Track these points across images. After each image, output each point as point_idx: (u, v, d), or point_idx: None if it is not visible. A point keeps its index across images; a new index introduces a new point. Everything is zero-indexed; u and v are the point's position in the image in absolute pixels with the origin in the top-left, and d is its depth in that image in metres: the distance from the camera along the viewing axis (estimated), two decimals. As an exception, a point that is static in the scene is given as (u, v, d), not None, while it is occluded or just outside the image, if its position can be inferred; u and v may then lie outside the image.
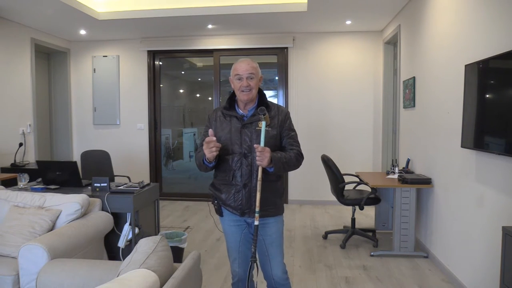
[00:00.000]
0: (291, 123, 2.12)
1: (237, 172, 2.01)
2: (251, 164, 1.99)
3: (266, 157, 1.87)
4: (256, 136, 1.98)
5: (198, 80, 7.19)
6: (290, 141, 2.07)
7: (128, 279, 1.40)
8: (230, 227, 2.12)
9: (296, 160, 2.04)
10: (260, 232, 2.06)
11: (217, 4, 4.75)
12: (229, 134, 2.02)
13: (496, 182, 2.48)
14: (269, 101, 2.11)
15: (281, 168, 1.97)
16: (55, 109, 6.24)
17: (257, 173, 1.95)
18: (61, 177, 3.23)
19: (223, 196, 2.07)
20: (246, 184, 2.00)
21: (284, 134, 2.07)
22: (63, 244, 2.32)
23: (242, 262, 2.15)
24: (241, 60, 2.05)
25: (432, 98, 3.60)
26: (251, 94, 2.01)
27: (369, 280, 3.17)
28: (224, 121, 2.06)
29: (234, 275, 2.19)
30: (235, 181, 2.02)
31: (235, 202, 2.03)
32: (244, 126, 2.02)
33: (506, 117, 2.26)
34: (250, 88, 2.00)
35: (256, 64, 2.05)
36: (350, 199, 3.94)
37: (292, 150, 2.05)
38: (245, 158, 2.00)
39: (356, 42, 5.71)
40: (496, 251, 2.36)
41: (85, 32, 5.63)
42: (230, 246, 2.16)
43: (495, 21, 2.47)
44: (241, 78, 2.00)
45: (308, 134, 5.71)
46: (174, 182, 6.66)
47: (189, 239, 4.13)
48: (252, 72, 2.00)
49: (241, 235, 2.12)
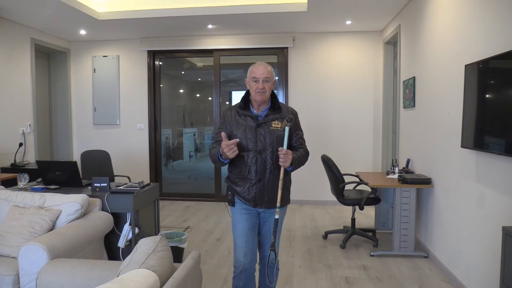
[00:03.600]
0: (299, 123, 2.34)
1: (252, 168, 2.18)
2: (265, 160, 2.17)
3: (289, 159, 2.07)
4: (270, 135, 2.17)
5: (198, 80, 7.19)
6: (299, 140, 2.29)
7: (128, 279, 1.40)
8: (241, 214, 2.26)
9: (305, 158, 2.27)
10: (269, 219, 2.27)
11: (217, 4, 4.75)
12: (244, 132, 2.19)
13: (496, 182, 2.48)
14: (280, 103, 2.29)
15: (297, 167, 2.18)
16: (55, 109, 6.24)
17: (270, 168, 2.17)
18: (61, 177, 3.23)
19: (238, 189, 2.24)
20: (260, 179, 2.18)
21: (293, 133, 2.26)
22: (63, 244, 2.32)
23: (248, 251, 2.25)
24: (259, 63, 2.22)
25: (432, 98, 3.60)
26: (265, 96, 2.19)
27: (369, 280, 3.17)
28: (240, 120, 2.23)
29: (237, 265, 2.26)
30: (250, 176, 2.19)
31: (249, 195, 2.21)
32: (258, 125, 2.19)
33: (506, 117, 2.26)
34: (265, 91, 2.17)
35: (272, 68, 2.23)
36: (350, 199, 3.94)
37: (301, 149, 2.26)
38: (259, 155, 2.17)
39: (356, 42, 5.71)
40: (496, 251, 2.36)
41: (85, 32, 5.63)
42: (237, 234, 2.28)
43: (495, 21, 2.48)
44: (258, 80, 2.17)
45: (308, 134, 5.64)
46: (174, 182, 6.66)
47: (189, 239, 4.13)
48: (268, 76, 2.18)
49: (250, 223, 2.26)
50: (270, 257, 2.20)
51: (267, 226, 2.28)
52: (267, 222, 2.28)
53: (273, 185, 2.18)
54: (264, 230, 2.31)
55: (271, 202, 2.19)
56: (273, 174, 2.18)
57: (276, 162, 2.13)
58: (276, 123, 2.19)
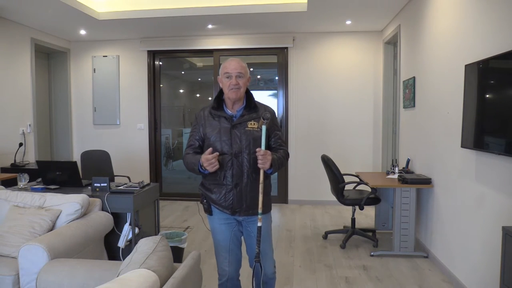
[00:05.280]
0: (278, 123, 2.21)
1: (228, 172, 2.03)
2: (242, 164, 2.03)
3: (269, 160, 1.94)
4: (246, 137, 2.03)
5: (198, 80, 7.19)
6: (278, 141, 2.15)
7: (128, 279, 1.40)
8: (220, 225, 2.13)
9: (286, 159, 2.13)
10: (251, 230, 2.12)
11: (217, 4, 4.75)
12: (218, 134, 2.05)
13: (496, 182, 2.48)
14: (256, 101, 2.15)
15: (277, 169, 2.04)
16: (55, 109, 6.24)
17: (248, 172, 2.03)
18: (61, 177, 3.23)
19: (213, 196, 2.09)
20: (237, 184, 2.04)
21: (271, 133, 2.12)
22: (63, 244, 2.31)
23: (232, 261, 2.15)
24: (230, 59, 2.09)
25: (432, 98, 3.60)
26: (239, 92, 2.04)
27: (369, 280, 3.17)
28: (213, 121, 2.08)
29: (222, 274, 2.17)
30: (226, 181, 2.04)
31: (226, 202, 2.06)
32: (233, 126, 2.05)
33: (506, 117, 2.26)
34: (239, 87, 2.03)
35: (245, 64, 2.10)
36: (350, 199, 3.94)
37: (281, 150, 2.13)
38: (235, 158, 2.02)
39: (356, 42, 5.71)
40: (496, 251, 2.36)
41: (85, 32, 5.63)
42: (219, 245, 2.16)
43: (495, 21, 2.47)
44: (230, 76, 2.03)
45: (308, 134, 5.72)
46: (174, 182, 6.66)
47: (189, 239, 4.13)
48: (241, 71, 2.04)
49: (231, 233, 2.14)
50: (255, 268, 2.05)
51: (252, 238, 2.11)
52: (252, 233, 2.12)
53: (251, 190, 2.03)
54: (250, 243, 2.15)
55: (250, 209, 2.05)
56: (251, 178, 2.03)
57: (253, 165, 2.00)
58: (252, 123, 2.04)
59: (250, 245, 2.17)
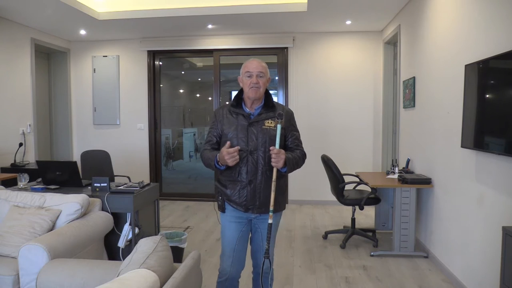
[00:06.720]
0: (295, 123, 2.24)
1: (242, 169, 2.07)
2: (257, 161, 2.07)
3: (282, 158, 1.97)
4: (263, 135, 2.07)
5: (198, 80, 7.19)
6: (295, 141, 2.20)
7: (128, 279, 1.40)
8: (230, 223, 2.16)
9: (302, 160, 2.16)
10: (261, 226, 2.16)
11: (217, 4, 4.75)
12: (235, 131, 2.10)
13: (496, 182, 2.48)
14: (275, 102, 2.20)
15: (292, 169, 2.07)
16: (55, 109, 6.24)
17: (262, 170, 2.06)
18: (61, 177, 3.23)
19: (228, 192, 2.12)
20: (251, 181, 2.07)
21: (288, 134, 2.18)
22: (63, 244, 2.32)
23: (236, 261, 2.17)
24: (252, 59, 2.15)
25: (432, 98, 3.60)
26: (259, 92, 2.09)
27: (369, 280, 3.17)
28: (231, 118, 2.14)
29: (223, 273, 2.19)
30: (241, 178, 2.08)
31: (239, 198, 2.10)
32: (250, 124, 2.09)
33: (506, 117, 2.26)
34: (259, 86, 2.08)
35: (266, 65, 2.15)
36: (350, 199, 3.94)
37: (298, 150, 2.17)
38: (251, 155, 2.07)
39: (356, 42, 5.71)
40: (496, 251, 2.36)
41: (85, 32, 5.63)
42: (226, 243, 2.19)
43: (495, 21, 2.48)
44: (251, 75, 2.09)
45: (308, 134, 5.70)
46: (174, 182, 6.66)
47: (189, 239, 4.13)
48: (262, 71, 2.10)
49: (240, 232, 2.17)
50: (264, 265, 2.10)
51: (259, 233, 2.17)
52: (259, 229, 2.16)
53: (265, 188, 2.06)
54: (256, 237, 2.20)
55: (263, 207, 2.08)
56: (265, 175, 2.06)
57: (268, 163, 2.03)
58: (269, 122, 2.09)
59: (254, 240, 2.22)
